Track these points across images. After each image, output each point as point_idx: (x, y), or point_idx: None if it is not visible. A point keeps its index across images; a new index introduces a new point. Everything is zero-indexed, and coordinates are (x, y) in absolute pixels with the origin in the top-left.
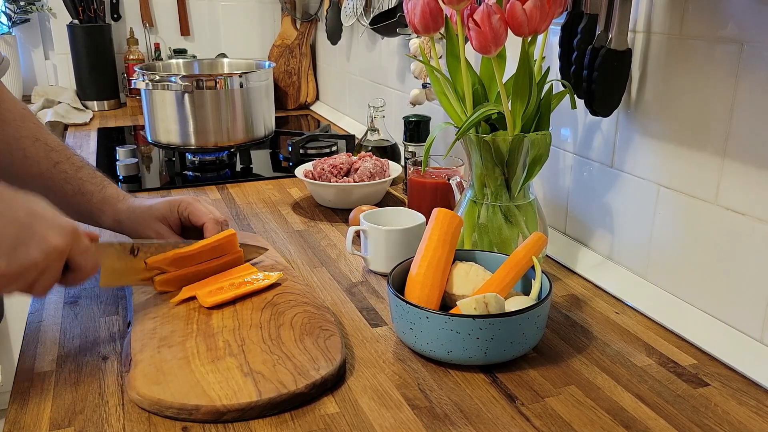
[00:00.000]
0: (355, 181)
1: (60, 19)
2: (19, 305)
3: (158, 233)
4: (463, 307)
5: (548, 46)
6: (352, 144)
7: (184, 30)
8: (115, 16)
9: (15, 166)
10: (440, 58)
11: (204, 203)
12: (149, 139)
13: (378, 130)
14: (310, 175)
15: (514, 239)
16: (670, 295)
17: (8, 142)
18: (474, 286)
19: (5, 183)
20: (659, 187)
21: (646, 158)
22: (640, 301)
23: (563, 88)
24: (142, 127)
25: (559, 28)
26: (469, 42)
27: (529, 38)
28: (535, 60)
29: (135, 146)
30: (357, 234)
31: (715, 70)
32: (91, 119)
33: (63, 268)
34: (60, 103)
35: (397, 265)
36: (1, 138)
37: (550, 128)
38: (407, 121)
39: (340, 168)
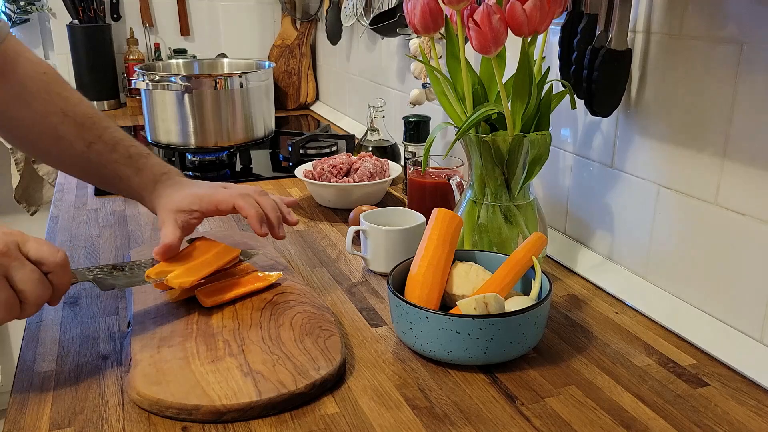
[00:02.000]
0: (355, 181)
1: (60, 19)
2: None
3: (161, 221)
4: (463, 307)
5: (548, 46)
6: (352, 144)
7: (184, 30)
8: (115, 16)
9: (48, 146)
10: (440, 58)
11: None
12: (149, 139)
13: (378, 130)
14: (310, 175)
15: (514, 239)
16: (670, 295)
17: (37, 120)
18: (474, 286)
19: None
20: (659, 187)
21: (646, 158)
22: (640, 301)
23: (563, 88)
24: (142, 127)
25: (559, 28)
26: (469, 42)
27: (529, 38)
28: (535, 60)
29: None
30: (357, 234)
31: (715, 70)
32: None
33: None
34: None
35: (397, 265)
36: (30, 117)
37: (550, 128)
38: (407, 121)
39: (340, 168)
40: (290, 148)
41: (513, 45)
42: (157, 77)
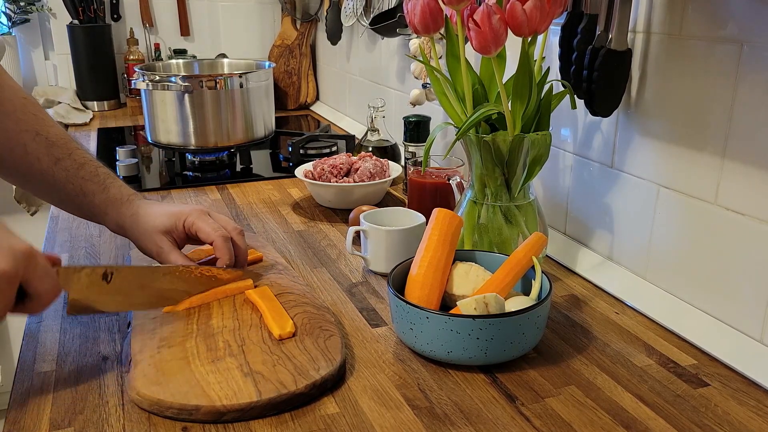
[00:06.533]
0: (355, 182)
1: (60, 20)
2: None
3: (159, 247)
4: (463, 307)
5: (548, 46)
6: (352, 144)
7: (184, 30)
8: (115, 16)
9: (16, 162)
10: (440, 58)
11: (214, 215)
12: (149, 139)
13: (378, 131)
14: (310, 176)
15: (514, 239)
16: (670, 295)
17: (9, 137)
18: (474, 286)
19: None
20: (659, 187)
21: (646, 158)
22: (640, 301)
23: (563, 88)
24: (142, 128)
25: (559, 28)
26: (469, 42)
27: (529, 38)
28: (535, 60)
29: (135, 146)
30: (357, 234)
31: (715, 70)
32: (91, 119)
33: (21, 294)
34: (60, 103)
35: (397, 265)
36: (2, 134)
37: (550, 128)
38: (407, 122)
39: (340, 168)
40: (290, 148)
41: (513, 45)
42: (157, 77)
